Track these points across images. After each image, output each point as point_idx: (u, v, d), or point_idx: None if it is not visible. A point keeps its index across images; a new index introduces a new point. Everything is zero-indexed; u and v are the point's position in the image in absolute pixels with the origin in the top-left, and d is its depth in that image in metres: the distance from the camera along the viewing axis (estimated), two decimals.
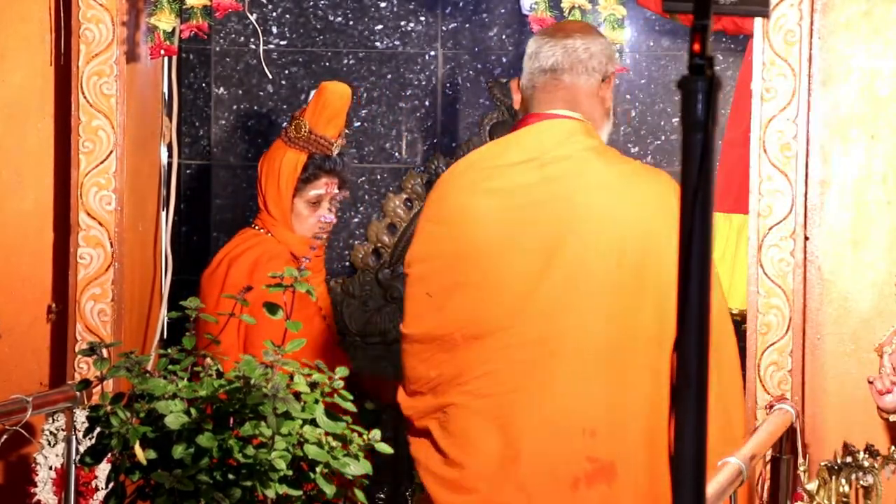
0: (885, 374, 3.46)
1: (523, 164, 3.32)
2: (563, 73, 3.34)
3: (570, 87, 3.34)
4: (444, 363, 3.29)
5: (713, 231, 1.86)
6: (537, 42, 3.40)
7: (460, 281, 3.28)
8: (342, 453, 2.44)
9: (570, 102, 3.35)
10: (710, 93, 1.81)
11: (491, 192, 3.31)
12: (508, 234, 3.28)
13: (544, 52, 3.35)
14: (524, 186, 3.31)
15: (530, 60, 3.39)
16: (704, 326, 1.83)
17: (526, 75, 3.39)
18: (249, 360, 2.43)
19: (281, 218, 4.23)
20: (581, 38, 3.36)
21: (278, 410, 2.36)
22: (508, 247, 3.28)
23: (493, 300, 3.25)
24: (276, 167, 4.22)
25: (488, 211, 3.29)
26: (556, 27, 3.50)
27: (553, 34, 3.40)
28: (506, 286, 3.25)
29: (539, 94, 3.35)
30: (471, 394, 3.24)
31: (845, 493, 3.17)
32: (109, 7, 3.95)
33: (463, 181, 3.36)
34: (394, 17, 5.12)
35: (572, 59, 3.34)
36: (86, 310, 3.96)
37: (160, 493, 2.37)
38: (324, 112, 4.23)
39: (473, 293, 3.27)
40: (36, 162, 4.11)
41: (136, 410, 2.41)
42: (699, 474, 1.84)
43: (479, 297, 3.26)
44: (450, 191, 3.37)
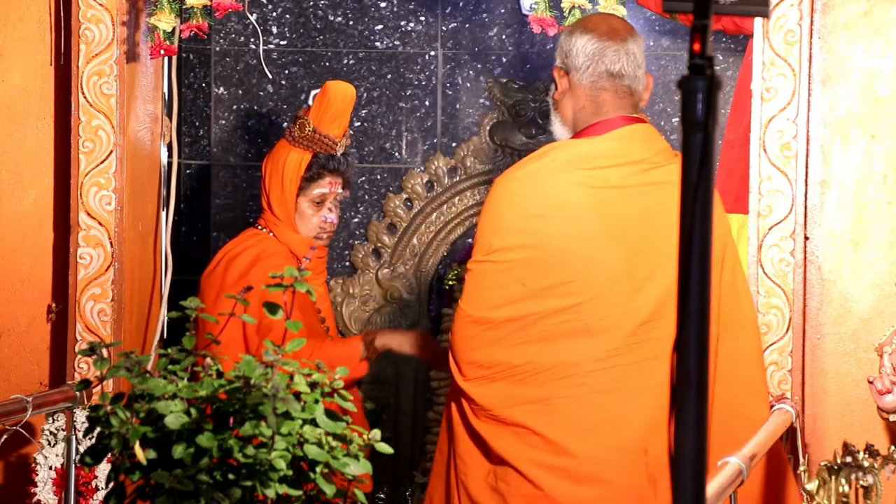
0: (885, 374, 3.46)
1: (625, 166, 3.40)
2: (627, 80, 3.44)
3: (634, 93, 3.46)
4: (534, 353, 3.33)
5: (713, 231, 1.86)
6: (593, 41, 3.44)
7: (563, 275, 3.33)
8: (342, 453, 2.44)
9: (636, 107, 3.48)
10: (710, 93, 1.81)
11: (595, 190, 3.37)
12: (617, 234, 3.35)
13: (609, 55, 3.43)
14: (631, 188, 3.39)
15: (591, 61, 3.44)
16: (704, 326, 1.83)
17: (587, 75, 3.45)
18: (249, 360, 2.43)
19: (284, 218, 4.23)
20: (635, 44, 3.47)
21: (278, 410, 2.36)
22: (617, 247, 3.34)
23: (604, 299, 3.31)
24: (279, 166, 4.22)
25: (595, 209, 3.36)
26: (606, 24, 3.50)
27: (612, 36, 3.45)
28: (616, 286, 3.32)
29: (610, 98, 3.44)
30: (586, 386, 3.31)
31: (845, 492, 3.17)
32: (109, 7, 3.95)
33: (563, 177, 3.40)
34: (394, 17, 5.12)
35: (634, 66, 3.44)
36: (86, 310, 3.96)
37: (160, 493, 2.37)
38: (328, 111, 4.23)
39: (579, 289, 3.32)
40: (36, 162, 4.11)
41: (136, 410, 2.41)
42: (699, 474, 1.84)
43: (588, 295, 3.32)
44: (547, 184, 3.39)
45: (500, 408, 3.35)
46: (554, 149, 3.48)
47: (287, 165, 4.21)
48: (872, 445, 3.21)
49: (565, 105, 3.49)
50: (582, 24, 3.52)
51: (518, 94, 5.09)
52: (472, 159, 5.12)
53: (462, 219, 5.15)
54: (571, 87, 3.46)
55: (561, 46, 3.50)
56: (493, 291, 3.38)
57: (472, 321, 3.38)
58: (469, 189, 5.14)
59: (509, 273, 3.36)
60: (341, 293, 5.09)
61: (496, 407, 3.36)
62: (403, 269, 5.16)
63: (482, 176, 5.12)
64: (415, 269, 5.16)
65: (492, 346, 3.36)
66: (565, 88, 3.48)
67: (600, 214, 3.36)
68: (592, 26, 3.49)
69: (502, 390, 3.35)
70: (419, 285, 5.15)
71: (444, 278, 5.12)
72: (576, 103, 3.47)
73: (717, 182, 4.12)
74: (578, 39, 3.46)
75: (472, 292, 3.41)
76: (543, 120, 5.09)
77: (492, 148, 5.12)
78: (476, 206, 5.13)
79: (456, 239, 5.17)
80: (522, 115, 5.08)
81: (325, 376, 2.49)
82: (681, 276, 1.83)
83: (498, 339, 3.36)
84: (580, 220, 3.37)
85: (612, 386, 3.31)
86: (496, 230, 3.41)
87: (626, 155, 3.43)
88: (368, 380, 4.54)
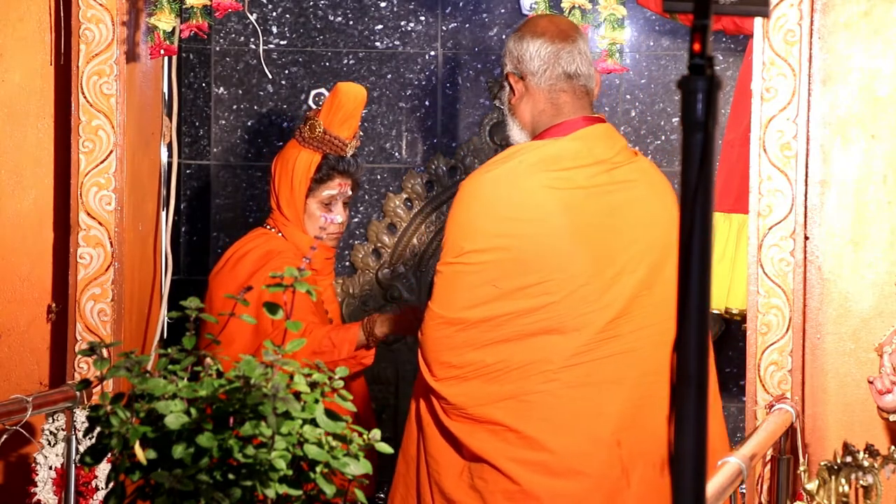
0: (885, 374, 3.46)
1: (591, 166, 3.43)
2: (583, 79, 3.49)
3: (590, 92, 3.50)
4: (507, 352, 3.36)
5: (713, 231, 1.86)
6: (546, 45, 3.47)
7: (535, 276, 3.35)
8: (342, 453, 2.44)
9: (592, 105, 3.52)
10: (710, 93, 1.81)
11: (563, 192, 3.40)
12: (585, 233, 3.38)
13: (564, 57, 3.46)
14: (597, 188, 3.42)
15: (547, 65, 3.48)
16: (704, 326, 1.83)
17: (544, 79, 3.48)
18: (249, 360, 2.43)
19: (294, 218, 4.23)
20: (584, 43, 3.51)
21: (278, 410, 2.36)
22: (586, 246, 3.38)
23: (576, 298, 3.35)
24: (289, 167, 4.23)
25: (563, 210, 3.38)
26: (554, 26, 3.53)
27: (563, 38, 3.48)
28: (587, 285, 3.35)
29: (569, 98, 3.48)
30: (559, 382, 3.34)
31: (845, 492, 3.16)
32: (109, 7, 3.94)
33: (532, 180, 3.41)
34: (394, 16, 5.12)
35: (587, 65, 3.49)
36: (86, 310, 3.96)
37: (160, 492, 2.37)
38: (338, 113, 4.24)
39: (551, 289, 3.35)
40: (36, 162, 4.11)
41: (136, 410, 2.41)
42: (699, 474, 1.84)
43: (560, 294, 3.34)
44: (516, 187, 3.41)
45: (474, 406, 3.37)
46: (519, 151, 3.49)
47: (297, 166, 4.21)
48: (872, 445, 3.21)
49: (523, 110, 3.52)
50: (530, 29, 3.54)
51: None
52: (472, 159, 5.12)
53: None
54: (529, 92, 3.49)
55: (511, 52, 3.51)
56: (465, 293, 3.39)
57: (444, 322, 3.40)
58: None
59: (481, 275, 3.38)
60: (341, 293, 5.09)
61: (470, 405, 3.38)
62: (403, 269, 5.16)
63: None
64: (415, 269, 5.16)
65: (464, 347, 3.38)
66: (522, 93, 3.50)
67: (568, 215, 3.39)
68: (542, 30, 3.51)
69: (475, 389, 3.37)
70: (419, 285, 5.15)
71: None
72: (534, 107, 3.50)
73: (717, 182, 4.12)
74: (530, 44, 3.48)
75: (443, 294, 3.43)
76: None
77: (492, 148, 5.12)
78: None
79: None
80: None
81: (324, 376, 2.49)
82: (681, 276, 1.83)
83: (470, 340, 3.38)
84: (549, 222, 3.39)
85: (585, 380, 3.35)
86: (466, 233, 3.42)
87: (591, 155, 3.45)
88: (369, 380, 4.54)
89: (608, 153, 3.46)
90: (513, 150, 3.51)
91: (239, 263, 4.15)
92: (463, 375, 3.39)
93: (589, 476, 3.34)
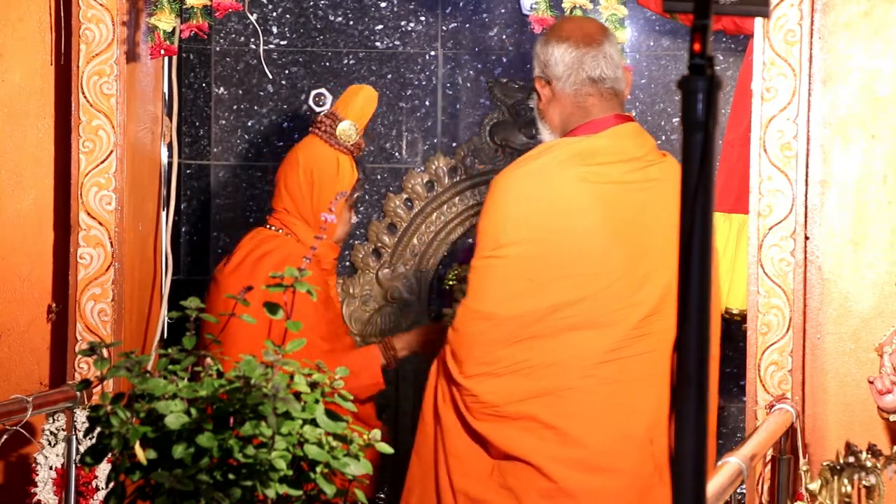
0: (886, 374, 3.46)
1: (625, 163, 3.45)
2: (609, 82, 3.50)
3: (618, 94, 3.52)
4: (540, 348, 3.36)
5: (713, 231, 1.86)
6: (570, 50, 3.49)
7: (569, 270, 3.37)
8: (342, 453, 2.44)
9: (622, 105, 3.55)
10: (710, 93, 1.81)
11: (597, 186, 3.41)
12: (619, 229, 3.39)
13: (588, 62, 3.49)
14: (630, 185, 3.45)
15: (571, 70, 3.50)
16: (704, 326, 1.83)
17: (569, 84, 3.50)
18: (250, 360, 2.43)
19: (309, 219, 4.22)
20: (611, 46, 3.54)
21: (278, 410, 2.36)
22: (619, 242, 3.39)
23: (609, 294, 3.36)
24: (331, 171, 4.23)
25: (597, 204, 3.40)
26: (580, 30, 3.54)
27: (588, 42, 3.50)
28: (620, 281, 3.36)
29: (596, 101, 3.50)
30: (594, 378, 3.34)
31: (848, 493, 3.16)
32: (110, 7, 3.94)
33: (566, 174, 3.43)
34: (394, 17, 5.12)
35: (613, 68, 3.51)
36: (86, 310, 3.96)
37: (160, 492, 2.37)
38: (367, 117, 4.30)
39: (585, 284, 3.36)
40: (36, 162, 4.11)
41: (136, 410, 2.41)
42: (699, 474, 1.84)
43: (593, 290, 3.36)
44: (551, 181, 3.43)
45: (507, 403, 3.36)
46: (552, 147, 3.50)
47: (342, 171, 4.24)
48: (875, 445, 3.21)
49: (552, 113, 3.54)
50: (556, 33, 3.54)
51: (518, 93, 5.08)
52: (472, 159, 5.12)
53: (462, 219, 5.15)
54: (556, 96, 3.51)
55: (538, 56, 3.54)
56: (500, 287, 3.39)
57: (479, 317, 3.40)
58: (469, 189, 5.13)
59: (515, 268, 3.38)
60: (341, 293, 5.09)
61: (502, 402, 3.37)
62: (404, 269, 5.16)
63: (482, 176, 5.12)
64: (415, 269, 5.16)
65: (497, 343, 3.38)
66: (549, 97, 3.53)
67: (602, 210, 3.39)
68: (567, 34, 3.51)
69: (508, 385, 3.36)
70: (419, 285, 5.15)
71: (445, 278, 5.11)
72: (562, 110, 3.52)
73: (717, 182, 4.12)
74: (555, 49, 3.50)
75: (477, 288, 3.42)
76: None
77: (492, 148, 5.11)
78: (477, 205, 5.13)
79: (456, 239, 5.17)
80: (523, 115, 5.08)
81: (325, 376, 2.49)
82: (681, 276, 1.83)
83: (503, 335, 3.37)
84: (584, 216, 3.40)
85: (619, 377, 3.35)
86: (502, 226, 3.42)
87: (623, 152, 3.47)
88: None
89: (639, 151, 3.48)
90: (545, 147, 3.52)
91: (259, 264, 4.11)
92: (495, 372, 3.38)
93: (623, 473, 3.35)
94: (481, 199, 5.11)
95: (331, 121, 4.28)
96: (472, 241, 5.14)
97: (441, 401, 3.48)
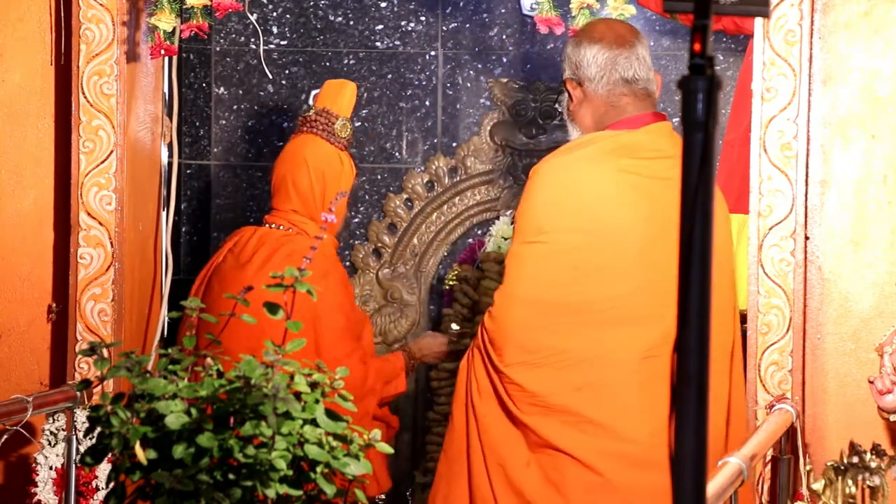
0: (886, 374, 3.46)
1: (667, 159, 3.44)
2: (642, 83, 3.51)
3: (652, 94, 3.53)
4: (580, 339, 3.33)
5: (713, 231, 1.86)
6: (603, 51, 3.50)
7: (613, 261, 3.35)
8: (342, 453, 2.44)
9: (655, 106, 3.56)
10: (711, 93, 1.81)
11: (643, 179, 3.41)
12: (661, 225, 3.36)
13: (621, 63, 3.49)
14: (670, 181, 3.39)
15: (604, 71, 3.49)
16: (705, 326, 1.83)
17: (602, 85, 3.50)
18: (250, 360, 2.43)
19: (314, 216, 4.25)
20: (643, 47, 3.55)
21: (279, 410, 2.36)
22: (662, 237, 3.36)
23: (651, 288, 3.33)
24: (338, 169, 4.28)
25: (643, 198, 3.39)
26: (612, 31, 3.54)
27: (621, 43, 3.50)
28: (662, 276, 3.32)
29: (630, 101, 3.50)
30: (638, 374, 3.33)
31: (852, 493, 3.15)
32: (110, 7, 3.95)
33: (611, 164, 3.42)
34: (394, 16, 5.12)
35: (645, 69, 3.52)
36: (86, 310, 3.96)
37: (160, 493, 2.37)
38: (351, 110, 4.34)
39: (628, 276, 3.35)
40: (36, 162, 4.11)
41: (136, 410, 2.41)
42: (699, 474, 1.84)
43: (636, 283, 3.34)
44: (596, 171, 3.42)
45: (550, 394, 3.32)
46: (594, 139, 3.49)
47: (345, 167, 4.29)
48: (879, 445, 3.21)
49: (583, 114, 3.53)
50: (588, 34, 3.53)
51: (519, 93, 5.08)
52: (472, 159, 5.12)
53: (462, 219, 5.15)
54: (587, 97, 3.50)
55: (569, 58, 3.52)
56: (543, 274, 3.36)
57: (520, 303, 3.35)
58: (469, 189, 5.13)
59: (560, 256, 3.35)
60: None
61: (547, 393, 3.33)
62: (404, 269, 5.16)
63: (483, 176, 5.12)
64: (415, 269, 5.16)
65: (538, 330, 3.34)
66: (580, 99, 3.51)
67: (646, 204, 3.39)
68: (599, 35, 3.50)
69: (548, 376, 3.32)
70: (419, 285, 5.15)
71: (445, 278, 5.12)
72: (595, 111, 3.51)
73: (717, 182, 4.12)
74: (587, 50, 3.48)
75: (519, 274, 3.38)
76: (544, 120, 5.09)
77: (492, 148, 5.12)
78: (477, 205, 5.13)
79: (456, 239, 5.17)
80: (523, 115, 5.08)
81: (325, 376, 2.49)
82: (681, 277, 1.83)
83: (546, 323, 3.33)
84: (629, 208, 3.39)
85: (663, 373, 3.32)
86: (544, 213, 3.39)
87: (661, 149, 3.47)
88: None
89: (674, 150, 3.46)
90: (586, 138, 3.50)
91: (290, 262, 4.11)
92: (535, 362, 3.34)
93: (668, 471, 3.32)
94: (482, 199, 5.12)
95: (326, 119, 4.28)
96: (471, 241, 5.15)
97: (476, 394, 3.42)
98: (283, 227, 4.24)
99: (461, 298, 5.05)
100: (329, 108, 4.28)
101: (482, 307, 5.06)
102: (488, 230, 5.12)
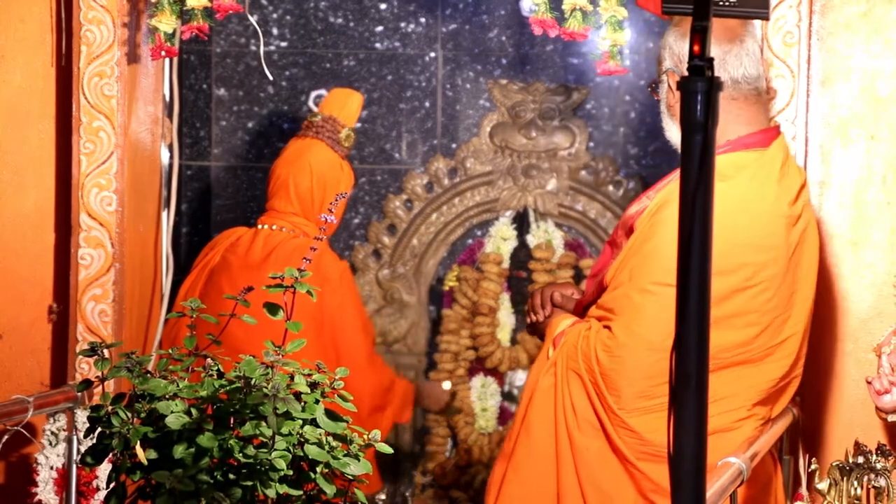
0: (884, 375, 3.46)
1: (799, 189, 3.32)
2: (753, 81, 3.27)
3: (762, 94, 3.32)
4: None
5: (713, 231, 1.87)
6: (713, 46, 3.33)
7: (754, 306, 3.18)
8: (342, 453, 2.44)
9: (768, 110, 3.40)
10: (710, 94, 1.82)
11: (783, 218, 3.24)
12: (786, 266, 3.24)
13: (730, 62, 3.22)
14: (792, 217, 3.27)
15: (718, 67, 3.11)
16: (705, 326, 1.83)
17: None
18: (250, 360, 2.43)
19: (313, 219, 4.31)
20: (754, 42, 3.30)
21: (279, 410, 2.37)
22: (788, 278, 3.23)
23: (773, 329, 3.23)
24: (337, 175, 4.35)
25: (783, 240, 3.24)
26: (720, 23, 3.14)
27: (731, 38, 3.21)
28: (782, 315, 3.24)
29: (743, 105, 3.27)
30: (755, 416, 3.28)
31: (857, 495, 3.15)
32: (110, 8, 3.95)
33: (763, 205, 3.21)
34: (394, 18, 5.13)
35: (756, 66, 3.28)
36: (87, 310, 3.96)
37: (161, 492, 2.37)
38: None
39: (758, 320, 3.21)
40: (37, 163, 4.11)
41: (136, 410, 2.42)
42: (699, 474, 1.84)
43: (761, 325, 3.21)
44: (749, 208, 3.19)
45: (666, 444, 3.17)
46: (743, 166, 3.21)
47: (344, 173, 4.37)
48: (885, 445, 3.20)
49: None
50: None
51: (518, 95, 5.09)
52: (471, 160, 5.12)
53: (462, 220, 5.15)
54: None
55: (671, 48, 3.28)
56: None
57: (651, 349, 3.12)
58: (469, 190, 5.14)
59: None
60: None
61: (663, 444, 2.99)
62: (403, 269, 5.16)
63: (482, 177, 5.13)
64: (415, 269, 5.17)
65: (659, 376, 3.11)
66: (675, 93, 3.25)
67: (783, 247, 3.22)
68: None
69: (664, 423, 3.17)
70: (419, 286, 5.16)
71: (444, 279, 5.12)
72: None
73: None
74: (684, 44, 3.21)
75: (653, 317, 3.11)
76: (543, 121, 5.09)
77: (492, 149, 5.12)
78: (476, 206, 5.14)
79: (456, 240, 5.18)
80: (522, 117, 5.09)
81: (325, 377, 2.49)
82: (680, 276, 1.84)
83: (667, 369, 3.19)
84: (771, 254, 3.20)
85: (772, 413, 3.32)
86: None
87: (795, 175, 3.32)
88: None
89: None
90: (730, 163, 3.18)
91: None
92: (649, 408, 3.14)
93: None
94: (481, 200, 5.13)
95: (332, 127, 4.31)
96: (471, 241, 5.15)
97: (574, 425, 3.21)
98: (286, 228, 4.26)
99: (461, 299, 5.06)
100: (336, 117, 4.33)
101: (482, 307, 5.07)
102: (488, 231, 5.13)
